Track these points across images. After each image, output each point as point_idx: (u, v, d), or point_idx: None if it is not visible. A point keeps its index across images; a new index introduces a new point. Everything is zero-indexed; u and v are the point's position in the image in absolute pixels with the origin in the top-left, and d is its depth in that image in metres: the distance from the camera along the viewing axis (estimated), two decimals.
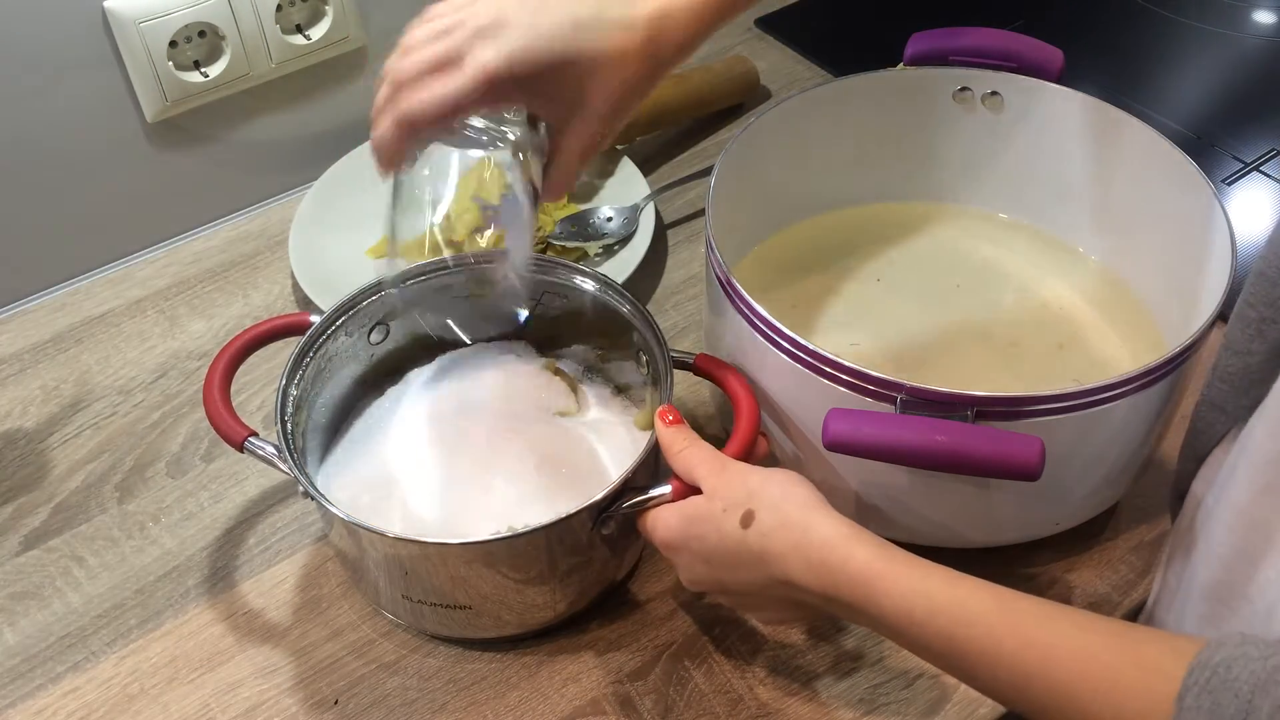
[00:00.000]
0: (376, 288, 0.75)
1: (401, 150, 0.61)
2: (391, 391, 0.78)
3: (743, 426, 0.67)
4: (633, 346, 0.75)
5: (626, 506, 0.65)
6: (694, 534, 0.62)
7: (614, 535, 0.67)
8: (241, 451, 0.69)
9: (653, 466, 0.67)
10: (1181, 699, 0.44)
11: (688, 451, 0.65)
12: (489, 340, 0.79)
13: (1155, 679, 0.46)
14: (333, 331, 0.74)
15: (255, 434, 0.69)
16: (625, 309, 0.74)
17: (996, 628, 0.52)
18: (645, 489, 0.65)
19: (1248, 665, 0.43)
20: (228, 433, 0.69)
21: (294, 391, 0.71)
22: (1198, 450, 0.63)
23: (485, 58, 0.57)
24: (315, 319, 0.74)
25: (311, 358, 0.73)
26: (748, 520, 0.59)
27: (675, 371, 0.71)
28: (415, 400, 0.76)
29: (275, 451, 0.67)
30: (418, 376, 0.78)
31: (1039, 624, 0.51)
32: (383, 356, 0.78)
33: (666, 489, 0.65)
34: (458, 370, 0.77)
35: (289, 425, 0.69)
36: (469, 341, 0.79)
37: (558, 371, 0.78)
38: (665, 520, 0.64)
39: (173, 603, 0.75)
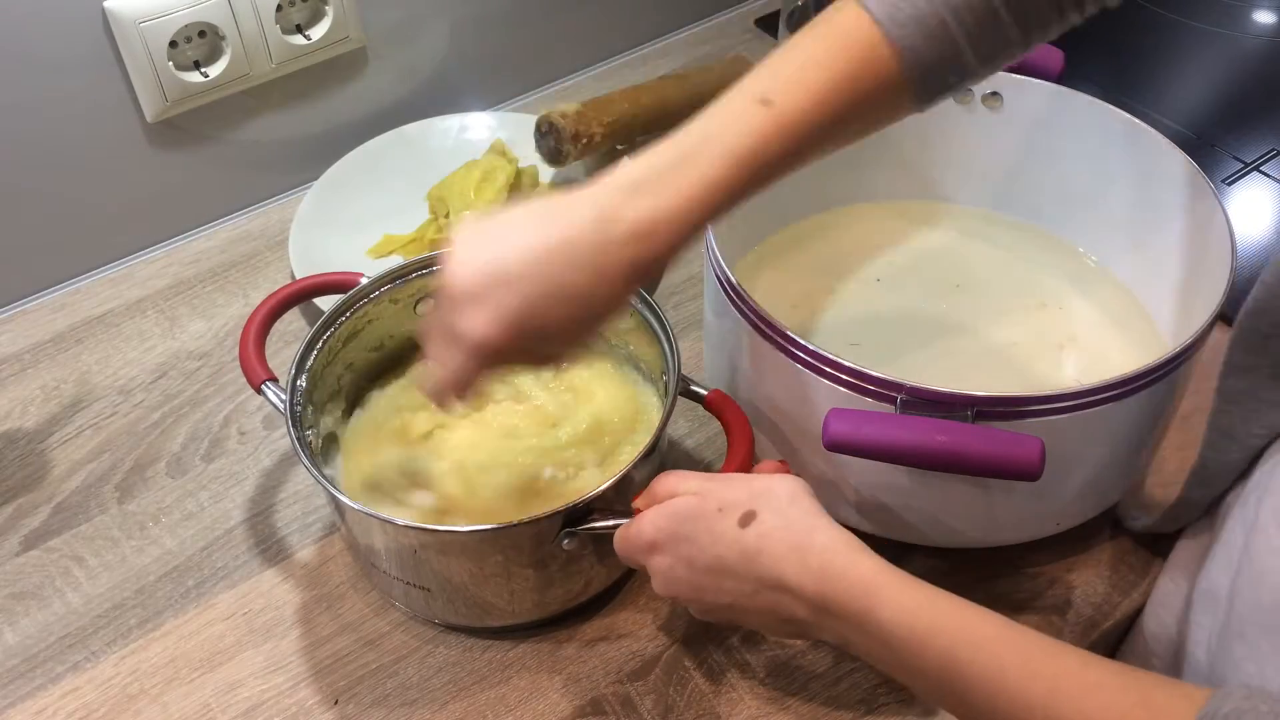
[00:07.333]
0: (430, 263, 0.75)
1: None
2: (412, 371, 0.78)
3: (737, 453, 0.67)
4: (653, 364, 0.75)
5: (594, 526, 0.64)
6: (683, 534, 0.59)
7: (583, 546, 0.66)
8: (259, 393, 0.70)
9: (628, 491, 0.66)
10: None
11: (673, 473, 0.63)
12: None
13: None
14: (378, 295, 0.74)
15: (275, 379, 0.71)
16: (653, 322, 0.73)
17: (1003, 655, 0.50)
18: (617, 514, 0.64)
19: (1256, 719, 0.43)
20: (250, 373, 0.71)
21: (320, 345, 0.71)
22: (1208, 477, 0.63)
23: (471, 340, 0.55)
24: (364, 280, 0.74)
25: (348, 317, 0.73)
26: (747, 520, 0.58)
27: (680, 398, 0.70)
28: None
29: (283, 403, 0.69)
30: None
31: (1046, 657, 0.50)
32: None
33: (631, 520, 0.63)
34: None
35: (300, 383, 0.70)
36: None
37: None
38: (651, 520, 0.60)
39: (173, 603, 0.75)
